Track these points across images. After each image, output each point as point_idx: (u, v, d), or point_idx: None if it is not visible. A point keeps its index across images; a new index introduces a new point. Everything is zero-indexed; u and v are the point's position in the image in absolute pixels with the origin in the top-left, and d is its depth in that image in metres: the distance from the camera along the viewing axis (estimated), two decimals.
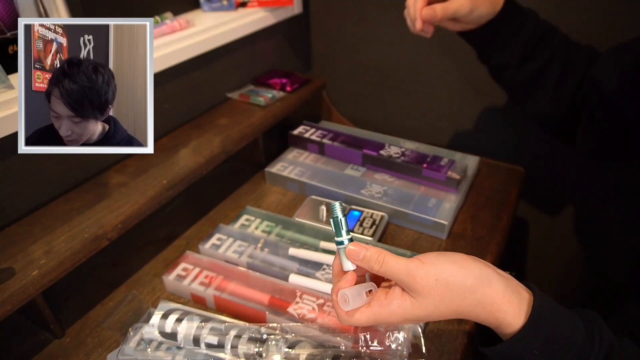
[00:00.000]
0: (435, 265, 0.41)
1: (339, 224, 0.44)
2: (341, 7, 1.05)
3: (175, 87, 0.82)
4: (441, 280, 0.41)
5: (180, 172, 0.71)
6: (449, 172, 0.78)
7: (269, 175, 0.87)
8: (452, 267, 0.41)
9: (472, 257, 0.43)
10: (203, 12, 0.90)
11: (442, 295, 0.41)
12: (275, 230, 0.73)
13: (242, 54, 0.95)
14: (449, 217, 0.72)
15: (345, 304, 0.42)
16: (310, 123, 0.97)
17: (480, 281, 0.41)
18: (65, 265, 0.56)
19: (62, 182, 0.67)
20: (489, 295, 0.41)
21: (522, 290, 0.43)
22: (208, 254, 0.68)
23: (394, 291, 0.43)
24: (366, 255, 0.43)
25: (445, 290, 0.41)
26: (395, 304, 0.42)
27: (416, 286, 0.41)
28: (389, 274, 0.42)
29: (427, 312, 0.42)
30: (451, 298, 0.41)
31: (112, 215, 0.62)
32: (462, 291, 0.41)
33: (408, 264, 0.41)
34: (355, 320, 0.43)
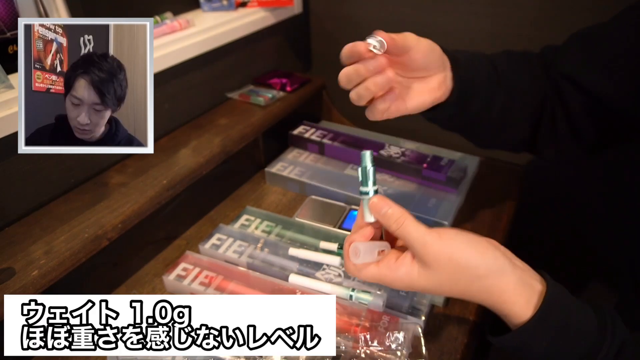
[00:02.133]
0: (452, 243, 0.41)
1: (367, 173, 0.44)
2: (341, 7, 1.05)
3: (175, 87, 0.82)
4: (454, 261, 0.41)
5: (180, 172, 0.71)
6: (449, 172, 0.78)
7: (269, 175, 0.87)
8: (468, 250, 0.41)
9: (492, 242, 0.43)
10: (203, 12, 0.90)
11: (450, 275, 0.41)
12: (275, 230, 0.73)
13: (242, 54, 0.95)
14: (449, 217, 0.72)
15: (356, 257, 0.43)
16: (310, 123, 0.97)
17: (493, 271, 0.41)
18: (65, 265, 0.56)
19: (62, 182, 0.67)
20: (497, 286, 0.41)
21: (536, 283, 0.42)
22: (208, 254, 0.68)
23: (405, 257, 0.43)
24: (387, 212, 0.43)
25: (456, 270, 0.41)
26: (403, 270, 0.42)
27: (428, 259, 0.41)
28: (405, 238, 0.42)
29: (432, 285, 0.42)
30: (458, 279, 0.41)
31: (112, 215, 0.62)
32: (471, 276, 0.41)
33: (425, 235, 0.41)
34: (361, 274, 0.44)
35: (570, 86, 0.58)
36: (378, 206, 0.43)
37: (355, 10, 1.04)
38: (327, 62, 1.15)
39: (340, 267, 0.64)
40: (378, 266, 0.43)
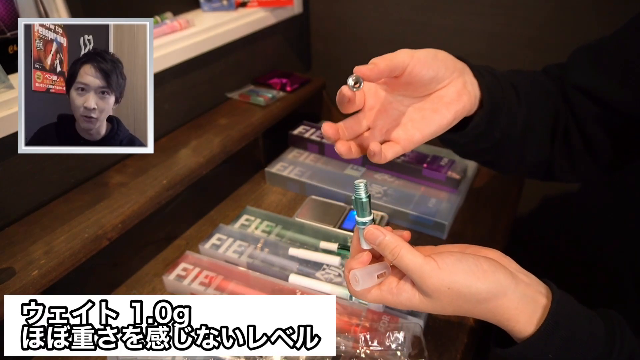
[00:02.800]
0: (451, 271, 0.40)
1: (362, 204, 0.44)
2: (341, 7, 1.05)
3: (175, 87, 0.82)
4: (454, 290, 0.40)
5: (180, 172, 0.71)
6: (449, 172, 0.78)
7: (269, 175, 0.87)
8: (468, 277, 0.40)
9: (493, 262, 0.42)
10: (203, 12, 0.90)
11: (452, 301, 0.41)
12: (275, 230, 0.73)
13: (242, 54, 0.95)
14: (449, 217, 0.72)
15: (356, 284, 0.43)
16: (310, 123, 0.97)
17: (494, 294, 0.41)
18: (65, 265, 0.56)
19: (62, 182, 0.67)
20: (500, 307, 0.41)
21: (540, 296, 0.42)
22: (208, 254, 0.68)
23: (405, 284, 0.43)
24: (383, 241, 0.43)
25: (458, 297, 0.41)
26: (404, 297, 0.42)
27: (427, 289, 0.41)
28: (402, 268, 0.42)
29: (434, 309, 0.42)
30: (460, 305, 0.41)
31: (112, 215, 0.62)
32: (473, 302, 0.41)
33: (423, 266, 0.41)
34: (366, 298, 0.44)
35: (582, 97, 0.56)
36: (373, 235, 0.43)
37: (355, 10, 1.04)
38: (327, 62, 1.15)
39: (340, 267, 0.64)
40: (380, 290, 0.44)
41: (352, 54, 1.09)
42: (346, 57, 1.10)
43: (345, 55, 1.10)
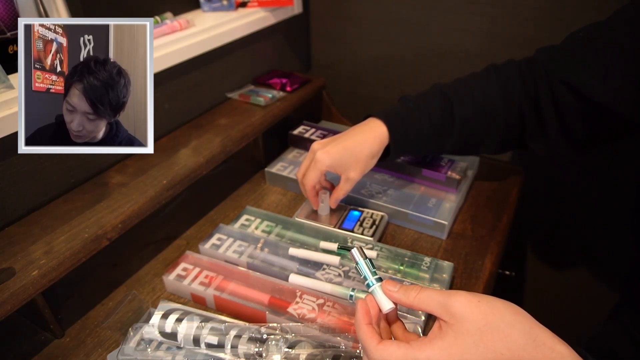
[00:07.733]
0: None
1: (362, 269, 0.43)
2: (341, 7, 1.05)
3: (175, 87, 0.82)
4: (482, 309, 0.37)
5: (180, 172, 0.71)
6: (449, 172, 0.78)
7: (269, 175, 0.87)
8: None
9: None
10: (203, 12, 0.90)
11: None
12: (275, 230, 0.73)
13: (242, 54, 0.95)
14: (449, 217, 0.72)
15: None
16: (310, 123, 0.97)
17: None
18: (65, 265, 0.56)
19: (62, 182, 0.67)
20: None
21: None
22: (208, 254, 0.68)
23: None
24: (403, 285, 0.41)
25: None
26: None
27: (452, 309, 0.38)
28: (424, 301, 0.39)
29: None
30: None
31: (112, 215, 0.62)
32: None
33: (446, 292, 0.39)
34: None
35: (565, 90, 0.59)
36: (391, 283, 0.42)
37: (355, 10, 1.04)
38: (327, 62, 1.15)
39: (340, 267, 0.64)
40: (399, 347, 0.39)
41: (352, 54, 1.09)
42: (346, 57, 1.10)
43: (345, 55, 1.10)
